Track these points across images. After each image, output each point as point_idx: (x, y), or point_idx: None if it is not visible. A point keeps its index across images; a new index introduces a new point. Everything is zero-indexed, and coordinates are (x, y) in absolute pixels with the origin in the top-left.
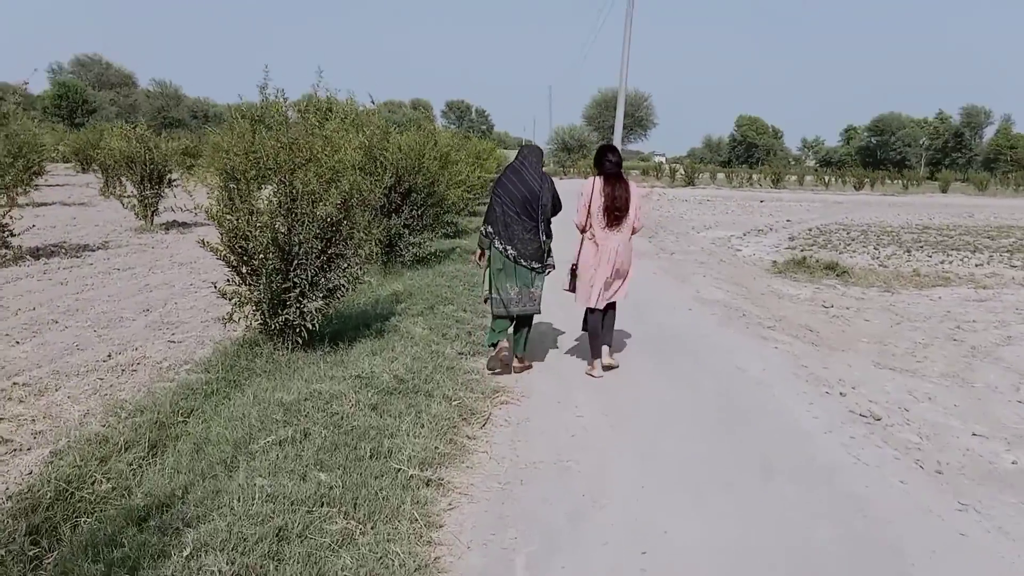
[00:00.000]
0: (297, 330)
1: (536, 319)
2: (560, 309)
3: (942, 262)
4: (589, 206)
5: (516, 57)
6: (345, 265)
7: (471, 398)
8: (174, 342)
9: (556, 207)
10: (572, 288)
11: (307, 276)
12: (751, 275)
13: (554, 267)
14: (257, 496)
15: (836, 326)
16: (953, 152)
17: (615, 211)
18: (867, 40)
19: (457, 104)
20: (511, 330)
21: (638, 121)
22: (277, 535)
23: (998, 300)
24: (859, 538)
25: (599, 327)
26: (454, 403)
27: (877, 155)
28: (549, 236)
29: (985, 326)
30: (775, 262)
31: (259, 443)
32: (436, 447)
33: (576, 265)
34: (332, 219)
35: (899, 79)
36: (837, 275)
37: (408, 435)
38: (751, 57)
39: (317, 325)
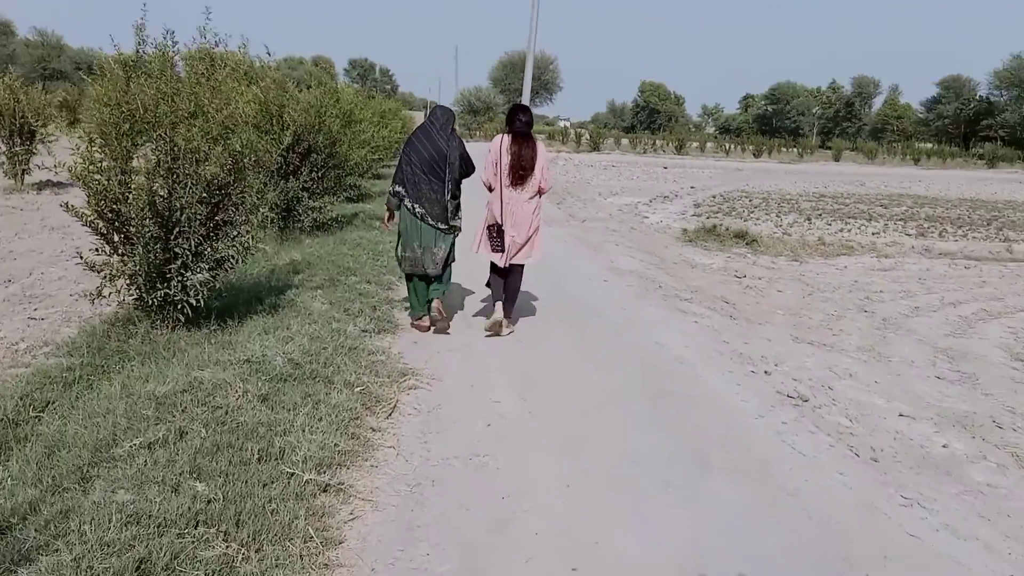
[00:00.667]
0: (179, 306)
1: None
2: (476, 275)
3: (841, 230)
4: (498, 164)
5: (421, 15)
6: (235, 233)
7: (376, 383)
8: (35, 319)
9: (467, 168)
10: (492, 248)
11: (190, 245)
12: (663, 244)
13: (460, 230)
14: (115, 517)
15: (751, 297)
16: (844, 121)
17: (520, 169)
18: (767, 9)
19: (360, 63)
20: (431, 290)
21: (544, 84)
22: (137, 569)
23: (901, 269)
24: (809, 545)
25: (500, 288)
26: (357, 390)
27: (773, 123)
28: (455, 196)
29: (892, 296)
30: (685, 230)
31: (124, 446)
32: (336, 444)
33: (494, 225)
34: (220, 181)
35: (795, 49)
36: (747, 244)
37: (304, 431)
38: (656, 23)
39: (202, 301)
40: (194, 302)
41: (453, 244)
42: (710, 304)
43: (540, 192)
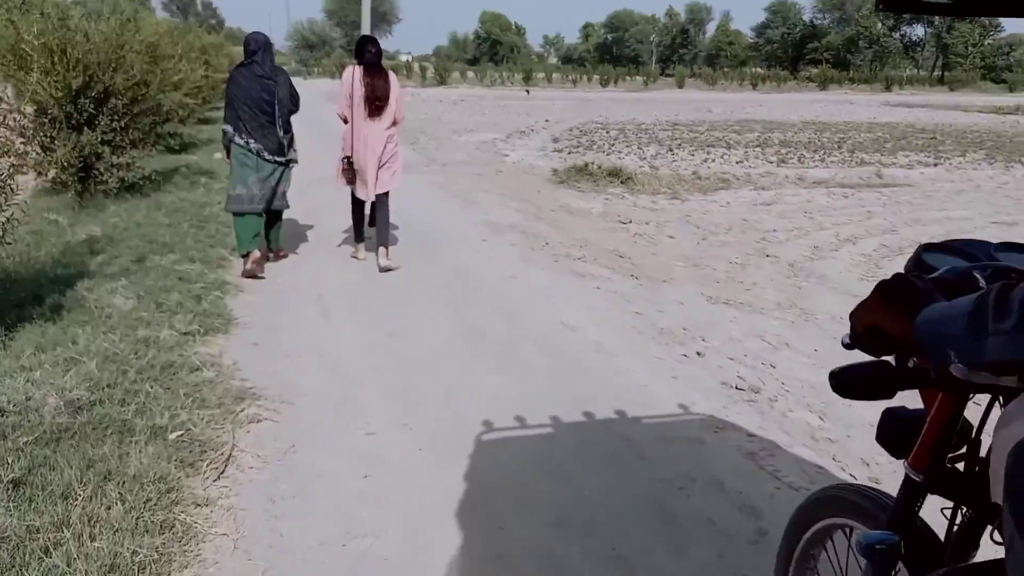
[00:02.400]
0: None
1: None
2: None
3: (705, 160)
4: (351, 96)
5: None
6: None
7: (202, 420)
8: None
9: (294, 106)
10: (347, 181)
11: None
12: (535, 187)
13: (296, 161)
14: None
15: (644, 248)
16: (680, 48)
17: (376, 100)
18: None
19: None
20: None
21: (382, 16)
22: None
23: (783, 203)
24: None
25: (361, 215)
26: (172, 437)
27: (613, 51)
28: (287, 131)
29: (787, 235)
30: (556, 171)
31: None
32: (135, 551)
33: (347, 157)
34: None
35: None
36: (622, 182)
37: (81, 538)
38: None
39: None
40: None
41: (286, 182)
42: (605, 262)
43: (395, 122)
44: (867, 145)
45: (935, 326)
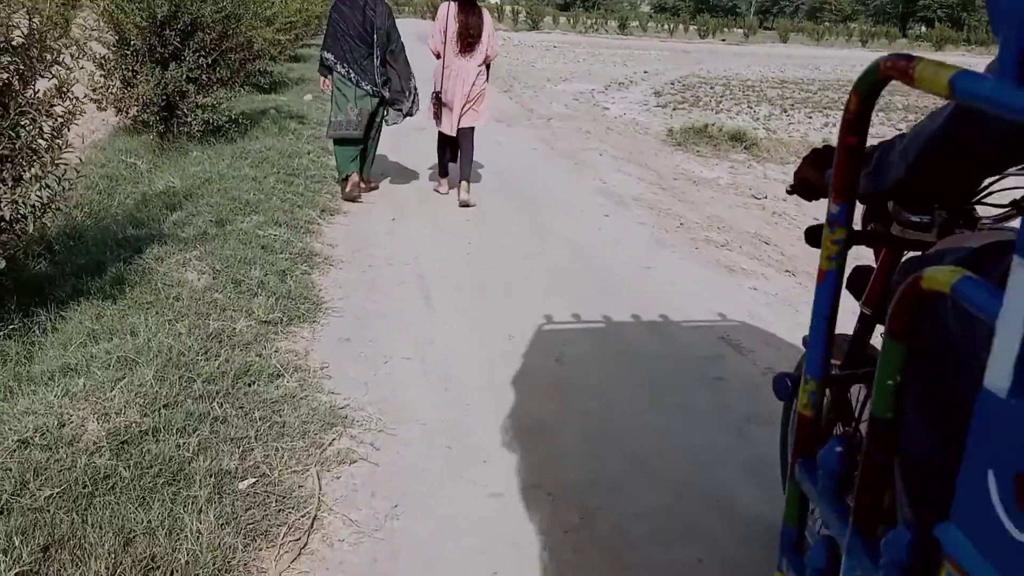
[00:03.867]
0: None
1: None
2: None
3: (825, 124)
4: (445, 32)
5: None
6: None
7: (280, 457)
8: None
9: (391, 39)
10: (434, 116)
11: None
12: (650, 149)
13: (400, 108)
14: None
15: (788, 232)
16: (781, 0)
17: (468, 37)
18: None
19: None
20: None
21: None
22: None
23: None
24: None
25: (445, 151)
26: (242, 486)
27: (709, 1)
28: (384, 64)
29: None
30: (671, 131)
31: None
32: None
33: (436, 92)
34: None
35: None
36: (745, 147)
37: None
38: None
39: None
40: None
41: (382, 117)
42: (751, 250)
43: (487, 60)
44: None
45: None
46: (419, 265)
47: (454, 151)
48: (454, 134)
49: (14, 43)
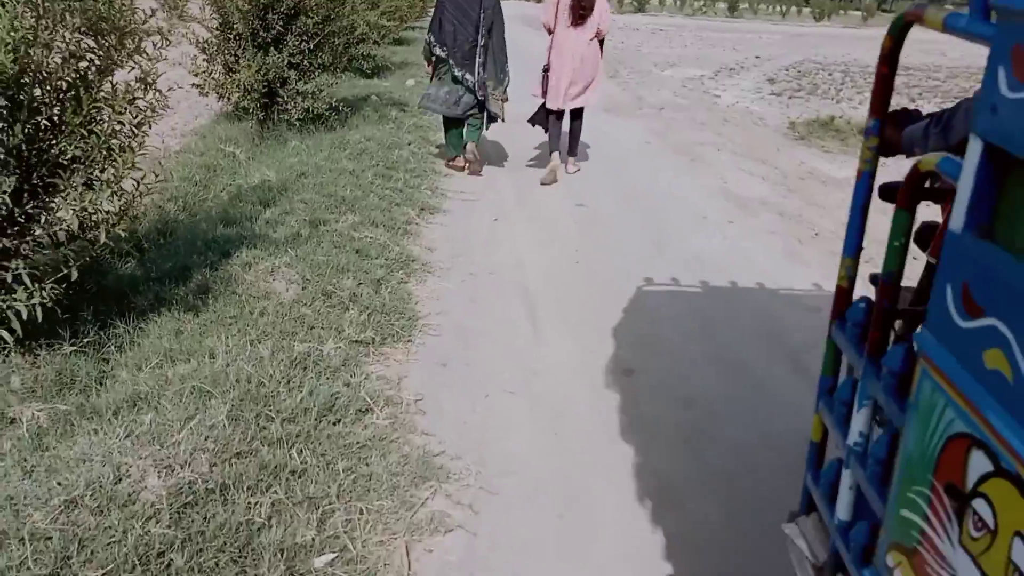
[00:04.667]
0: None
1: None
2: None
3: None
4: (557, 5)
5: None
6: (66, 189)
7: (365, 524)
8: None
9: (493, 35)
10: (543, 92)
11: None
12: (771, 144)
13: (492, 114)
14: None
15: None
16: None
17: (581, 10)
18: None
19: None
20: (465, 131)
21: None
22: None
23: None
24: None
25: (558, 130)
26: (318, 565)
27: None
28: (485, 48)
29: None
30: (792, 123)
31: None
32: None
33: (547, 66)
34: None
35: None
36: None
37: None
38: None
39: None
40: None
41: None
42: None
43: (599, 34)
44: None
45: (909, 134)
46: (523, 275)
47: (557, 125)
48: (563, 107)
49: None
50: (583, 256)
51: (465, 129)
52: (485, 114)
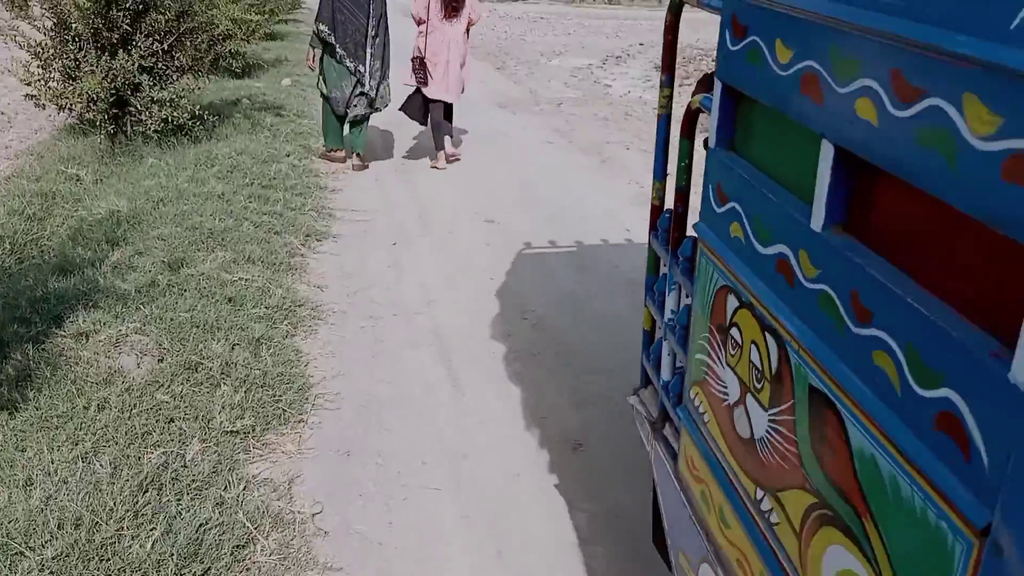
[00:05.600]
0: None
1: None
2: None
3: None
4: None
5: None
6: None
7: None
8: None
9: (385, 20)
10: (417, 81)
11: None
12: (675, 137)
13: (375, 103)
14: None
15: None
16: None
17: (454, 2)
18: None
19: None
20: (347, 131)
21: None
22: None
23: None
24: None
25: (441, 120)
26: None
27: None
28: (376, 36)
29: None
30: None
31: None
32: None
33: (419, 58)
34: None
35: None
36: None
37: None
38: None
39: None
40: None
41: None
42: None
43: (469, 24)
44: None
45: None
46: (435, 314)
47: (426, 115)
48: (452, 100)
49: None
50: (500, 286)
51: (349, 134)
52: (368, 113)
